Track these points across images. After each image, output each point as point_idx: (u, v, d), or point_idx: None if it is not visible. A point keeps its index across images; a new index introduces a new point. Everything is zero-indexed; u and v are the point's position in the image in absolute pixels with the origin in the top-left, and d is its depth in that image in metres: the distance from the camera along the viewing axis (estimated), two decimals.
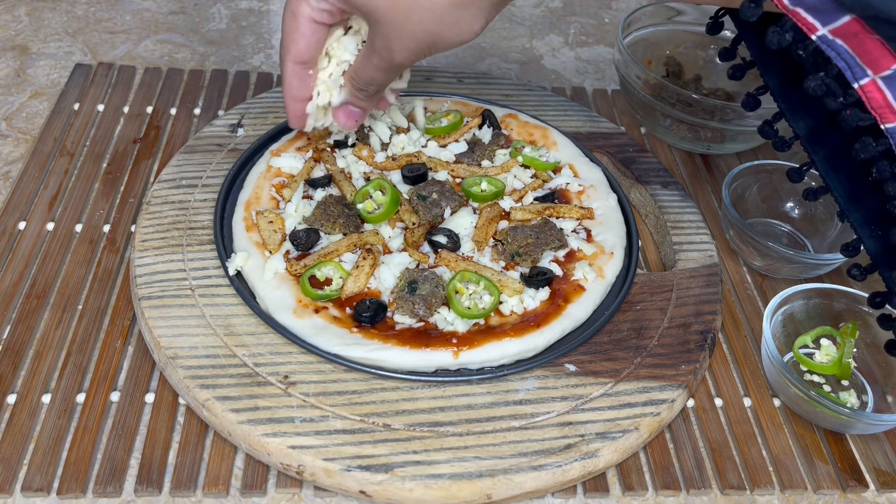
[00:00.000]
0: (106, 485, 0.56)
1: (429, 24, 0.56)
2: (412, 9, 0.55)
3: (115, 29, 1.03)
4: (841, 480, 0.62)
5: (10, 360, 0.63)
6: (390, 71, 0.62)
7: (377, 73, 0.63)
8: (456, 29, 0.57)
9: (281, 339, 0.63)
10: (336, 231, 0.70)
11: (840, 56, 0.47)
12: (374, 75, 0.63)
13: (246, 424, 0.57)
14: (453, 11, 0.55)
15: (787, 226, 0.83)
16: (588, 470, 0.58)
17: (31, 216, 0.75)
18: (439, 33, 0.57)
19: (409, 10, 0.56)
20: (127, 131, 0.86)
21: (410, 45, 0.58)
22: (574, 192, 0.77)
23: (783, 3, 0.46)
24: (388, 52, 0.59)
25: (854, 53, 0.46)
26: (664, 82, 0.86)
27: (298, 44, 0.62)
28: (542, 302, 0.66)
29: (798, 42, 0.47)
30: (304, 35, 0.61)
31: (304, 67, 0.64)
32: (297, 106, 0.67)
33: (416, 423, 0.58)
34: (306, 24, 0.60)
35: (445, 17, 0.56)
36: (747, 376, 0.69)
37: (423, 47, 0.59)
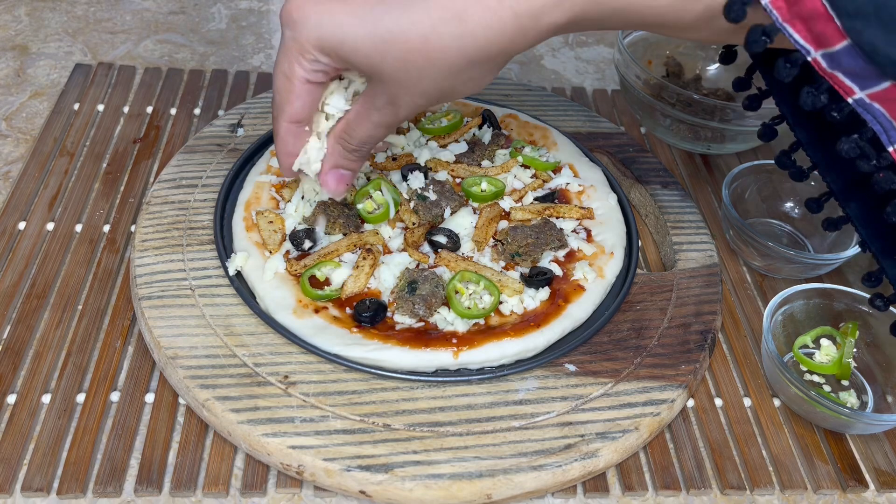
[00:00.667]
0: (106, 485, 0.56)
1: (441, 81, 0.52)
2: (425, 69, 0.51)
3: (115, 29, 1.03)
4: (841, 480, 0.62)
5: (10, 360, 0.63)
6: (390, 127, 0.58)
7: (376, 130, 0.58)
8: (469, 84, 0.54)
9: (281, 339, 0.63)
10: (336, 231, 0.70)
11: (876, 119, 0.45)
12: (372, 133, 0.59)
13: (246, 424, 0.57)
14: (468, 69, 0.52)
15: (787, 226, 0.83)
16: (588, 470, 0.58)
17: (31, 216, 0.75)
18: (451, 88, 0.54)
19: (422, 71, 0.51)
20: (127, 131, 0.86)
21: (420, 101, 0.54)
22: (574, 192, 0.77)
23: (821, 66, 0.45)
24: (393, 109, 0.55)
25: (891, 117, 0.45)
26: (664, 82, 0.86)
27: (294, 105, 0.57)
28: (542, 302, 0.67)
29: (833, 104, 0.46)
30: (300, 96, 0.57)
31: (299, 126, 0.60)
32: (291, 161, 0.62)
33: (416, 423, 0.58)
34: (301, 86, 0.56)
35: (460, 75, 0.52)
36: (747, 376, 0.69)
37: (432, 101, 0.55)
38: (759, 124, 0.84)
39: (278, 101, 0.58)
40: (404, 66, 0.51)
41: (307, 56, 0.53)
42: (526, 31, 0.49)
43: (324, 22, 0.51)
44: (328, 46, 0.52)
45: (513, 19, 0.48)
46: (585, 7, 0.48)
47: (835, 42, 0.43)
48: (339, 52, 0.52)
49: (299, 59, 0.54)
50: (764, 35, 0.44)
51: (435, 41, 0.49)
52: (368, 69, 0.52)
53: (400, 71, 0.51)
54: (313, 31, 0.52)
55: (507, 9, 0.48)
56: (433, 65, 0.51)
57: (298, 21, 0.52)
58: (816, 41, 0.43)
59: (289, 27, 0.53)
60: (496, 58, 0.52)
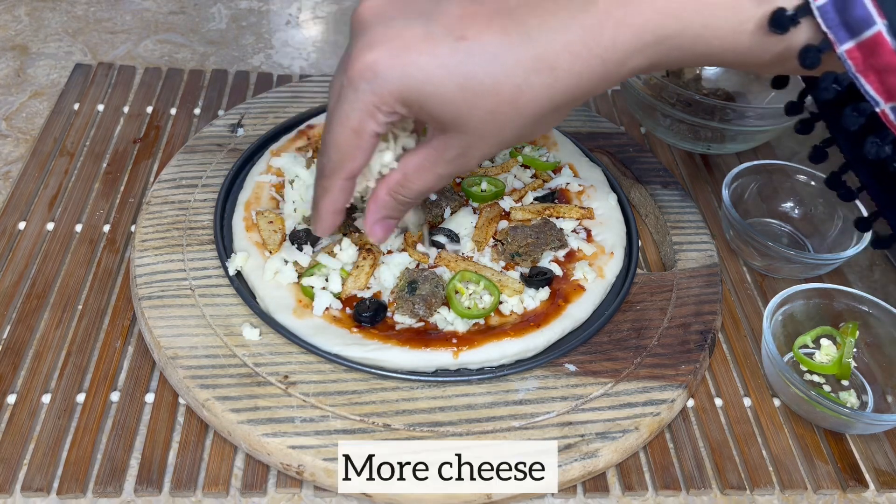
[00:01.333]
0: (106, 485, 0.56)
1: (524, 129, 0.51)
2: (512, 118, 0.49)
3: (115, 29, 1.03)
4: (841, 480, 0.62)
5: (10, 360, 0.63)
6: (453, 178, 0.55)
7: (439, 181, 0.55)
8: (544, 128, 0.52)
9: (281, 339, 0.63)
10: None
11: None
12: (433, 185, 0.55)
13: (246, 424, 0.57)
14: (550, 115, 0.50)
15: (787, 226, 0.83)
16: (588, 470, 0.58)
17: (31, 216, 0.75)
18: (529, 134, 0.52)
19: (509, 121, 0.49)
20: (127, 131, 0.86)
21: (494, 150, 0.52)
22: (574, 192, 0.77)
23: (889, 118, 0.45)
24: (465, 160, 0.53)
25: None
26: (664, 82, 0.86)
27: (357, 161, 0.53)
28: (542, 302, 0.67)
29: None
30: (365, 152, 0.53)
31: (352, 182, 0.56)
32: (335, 219, 0.59)
33: (416, 423, 0.58)
34: (368, 141, 0.52)
35: (542, 121, 0.51)
36: (747, 376, 0.69)
37: (504, 148, 0.53)
38: (758, 125, 0.85)
39: (338, 158, 0.54)
40: (492, 117, 0.49)
41: (385, 109, 0.50)
42: (609, 76, 0.49)
43: (410, 73, 0.48)
44: (412, 98, 0.49)
45: (600, 66, 0.48)
46: (669, 52, 0.48)
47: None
48: (425, 104, 0.49)
49: (375, 113, 0.50)
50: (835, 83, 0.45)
51: (527, 91, 0.48)
52: (452, 120, 0.50)
53: (487, 122, 0.49)
54: (397, 83, 0.48)
55: (596, 57, 0.47)
56: (520, 114, 0.49)
57: (381, 73, 0.48)
58: (888, 94, 0.44)
59: (365, 80, 0.49)
60: (577, 101, 0.51)
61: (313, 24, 1.10)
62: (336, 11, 1.12)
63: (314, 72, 1.00)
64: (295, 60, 1.02)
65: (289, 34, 1.06)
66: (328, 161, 0.54)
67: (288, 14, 1.11)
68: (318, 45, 1.05)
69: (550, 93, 0.48)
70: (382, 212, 0.58)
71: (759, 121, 0.85)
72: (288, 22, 1.09)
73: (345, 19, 1.11)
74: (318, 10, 1.12)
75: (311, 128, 0.81)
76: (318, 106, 0.86)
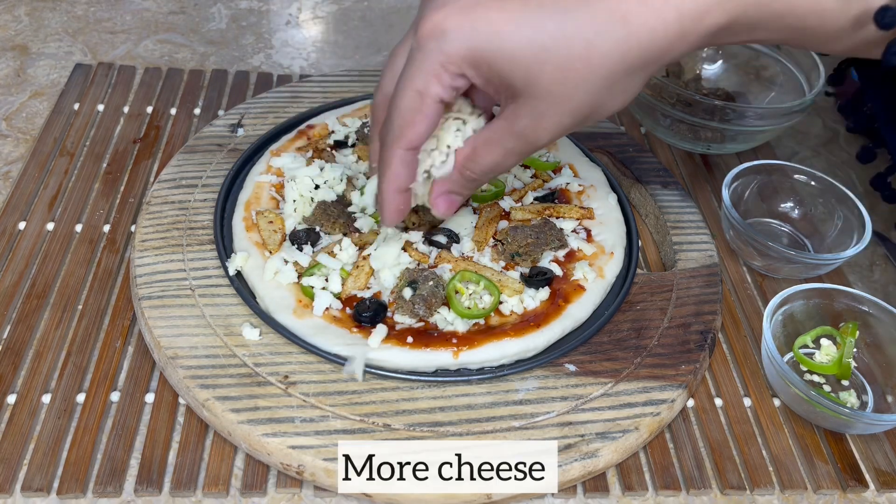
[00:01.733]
0: (106, 485, 0.56)
1: (597, 93, 0.48)
2: (584, 77, 0.47)
3: (115, 29, 1.03)
4: (841, 480, 0.62)
5: (10, 360, 0.63)
6: (525, 155, 0.53)
7: (508, 157, 0.53)
8: (619, 97, 0.50)
9: (281, 339, 0.63)
10: (336, 231, 0.70)
11: None
12: (502, 161, 0.53)
13: (246, 424, 0.57)
14: (625, 78, 0.48)
15: (787, 226, 0.83)
16: (588, 470, 0.58)
17: (31, 216, 0.75)
18: (603, 103, 0.49)
19: (581, 80, 0.47)
20: (127, 131, 0.86)
21: (566, 120, 0.50)
22: (574, 192, 0.77)
23: None
24: (535, 133, 0.50)
25: None
26: (664, 82, 0.86)
27: (418, 128, 0.52)
28: (542, 302, 0.66)
29: None
30: (427, 118, 0.51)
31: (414, 153, 0.54)
32: (399, 199, 0.57)
33: (416, 423, 0.58)
34: (432, 105, 0.51)
35: (616, 85, 0.48)
36: (747, 376, 0.69)
37: (578, 122, 0.50)
38: (758, 125, 0.85)
39: (399, 124, 0.52)
40: (563, 75, 0.47)
41: (451, 69, 0.49)
42: (686, 34, 0.47)
43: (479, 29, 0.47)
44: (481, 57, 0.48)
45: (676, 21, 0.46)
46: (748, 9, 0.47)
47: None
48: (494, 62, 0.48)
49: (441, 73, 0.49)
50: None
51: (599, 46, 0.46)
52: (523, 82, 0.48)
53: (557, 82, 0.47)
54: (466, 41, 0.47)
55: (672, 9, 0.46)
56: (593, 73, 0.47)
57: (449, 30, 0.47)
58: None
59: (434, 38, 0.48)
60: (652, 65, 0.49)
61: (313, 24, 1.10)
62: (336, 11, 1.12)
63: (314, 72, 1.00)
64: (295, 60, 1.02)
65: (289, 34, 1.06)
66: (390, 128, 0.53)
67: (288, 14, 1.11)
68: (318, 45, 1.05)
69: (623, 49, 0.46)
70: (448, 185, 0.57)
71: (759, 121, 0.85)
72: (288, 22, 1.09)
73: (345, 19, 1.11)
74: (318, 10, 1.12)
75: (311, 128, 0.81)
76: (318, 106, 0.86)
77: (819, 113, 1.03)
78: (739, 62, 0.97)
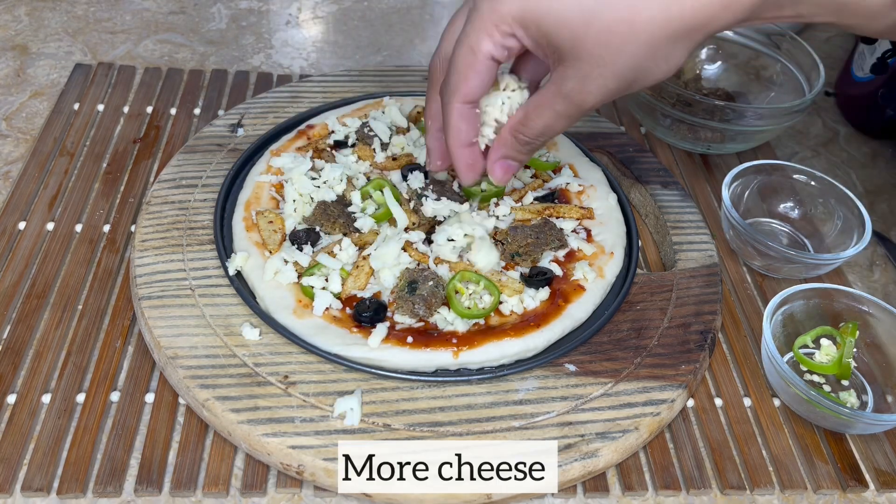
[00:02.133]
0: (106, 485, 0.56)
1: (640, 58, 0.50)
2: (627, 41, 0.49)
3: (115, 29, 1.03)
4: (841, 480, 0.62)
5: (10, 360, 0.63)
6: (573, 118, 0.55)
7: (558, 120, 0.55)
8: (663, 65, 0.51)
9: (281, 339, 0.63)
10: (336, 231, 0.70)
11: None
12: (552, 124, 0.56)
13: (246, 424, 0.57)
14: (668, 45, 0.49)
15: (787, 226, 0.83)
16: (588, 470, 0.58)
17: (31, 216, 0.75)
18: (647, 69, 0.51)
19: (624, 43, 0.49)
20: (127, 131, 0.86)
21: (611, 84, 0.51)
22: (574, 192, 0.77)
23: None
24: (581, 96, 0.52)
25: None
26: (664, 82, 0.86)
27: (471, 82, 0.55)
28: (542, 302, 0.66)
29: None
30: (480, 73, 0.54)
31: (472, 107, 0.57)
32: (466, 153, 0.59)
33: (416, 423, 0.58)
34: (483, 62, 0.54)
35: (659, 52, 0.50)
36: (747, 376, 0.69)
37: (623, 87, 0.52)
38: (758, 125, 0.85)
39: (454, 79, 0.56)
40: (607, 38, 0.49)
41: (502, 28, 0.52)
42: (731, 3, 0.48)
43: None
44: (531, 18, 0.51)
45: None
46: None
47: None
48: (542, 23, 0.50)
49: (493, 31, 0.52)
50: None
51: (642, 10, 0.48)
52: (569, 43, 0.50)
53: (601, 45, 0.49)
54: (517, 2, 0.50)
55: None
56: (636, 37, 0.49)
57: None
58: None
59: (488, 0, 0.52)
60: (696, 33, 0.49)
61: (313, 24, 1.10)
62: (336, 11, 1.12)
63: (314, 72, 1.00)
64: (295, 60, 1.02)
65: (289, 34, 1.06)
66: (447, 85, 0.57)
67: (288, 14, 1.11)
68: (318, 45, 1.05)
69: (667, 15, 0.48)
70: (503, 150, 0.60)
71: (759, 121, 0.85)
72: (288, 22, 1.09)
73: (345, 19, 1.11)
74: (318, 10, 1.12)
75: (311, 128, 0.81)
76: (318, 106, 0.86)
77: (819, 113, 1.03)
78: (739, 62, 0.97)
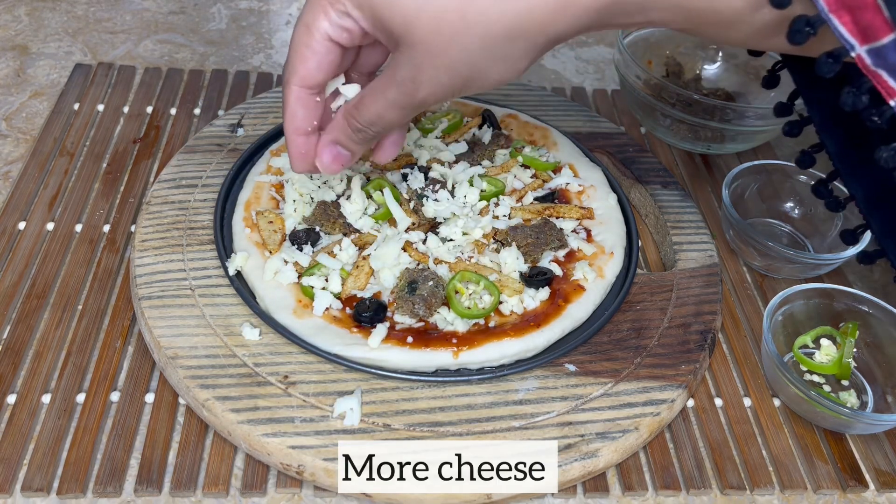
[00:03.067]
0: (106, 485, 0.56)
1: (474, 54, 0.48)
2: (459, 34, 0.47)
3: (115, 29, 1.03)
4: (841, 480, 0.62)
5: (10, 360, 0.63)
6: (405, 109, 0.53)
7: (389, 110, 0.54)
8: (501, 66, 0.50)
9: (281, 339, 0.63)
10: (336, 231, 0.70)
11: None
12: (383, 113, 0.54)
13: (246, 424, 0.57)
14: (504, 44, 0.48)
15: (787, 226, 0.83)
16: (588, 470, 0.58)
17: (31, 216, 0.75)
18: (481, 69, 0.50)
19: (456, 35, 0.47)
20: (127, 131, 0.86)
21: (444, 78, 0.50)
22: (574, 192, 0.77)
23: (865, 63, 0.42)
24: (413, 86, 0.51)
25: None
26: (664, 82, 0.86)
27: (308, 63, 0.54)
28: (542, 302, 0.66)
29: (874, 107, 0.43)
30: (317, 53, 0.53)
31: (311, 93, 0.56)
32: (301, 141, 0.58)
33: (416, 423, 0.58)
34: (321, 42, 0.53)
35: (495, 50, 0.48)
36: (747, 376, 0.69)
37: (457, 83, 0.51)
38: (758, 125, 0.85)
39: (292, 59, 0.54)
40: (437, 26, 0.48)
41: (337, 7, 0.51)
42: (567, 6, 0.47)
43: None
44: None
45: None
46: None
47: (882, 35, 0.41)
48: (375, 4, 0.49)
49: (327, 9, 0.51)
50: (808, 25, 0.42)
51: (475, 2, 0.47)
52: (401, 28, 0.49)
53: (432, 32, 0.48)
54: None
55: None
56: (468, 28, 0.47)
57: None
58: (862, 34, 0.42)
59: None
60: (533, 35, 0.48)
61: None
62: None
63: None
64: None
65: (289, 34, 1.06)
66: (286, 66, 0.55)
67: (288, 14, 1.11)
68: None
69: (500, 9, 0.47)
70: (334, 133, 0.57)
71: (759, 121, 0.85)
72: (288, 22, 1.09)
73: None
74: None
75: None
76: None
77: None
78: (739, 62, 0.97)
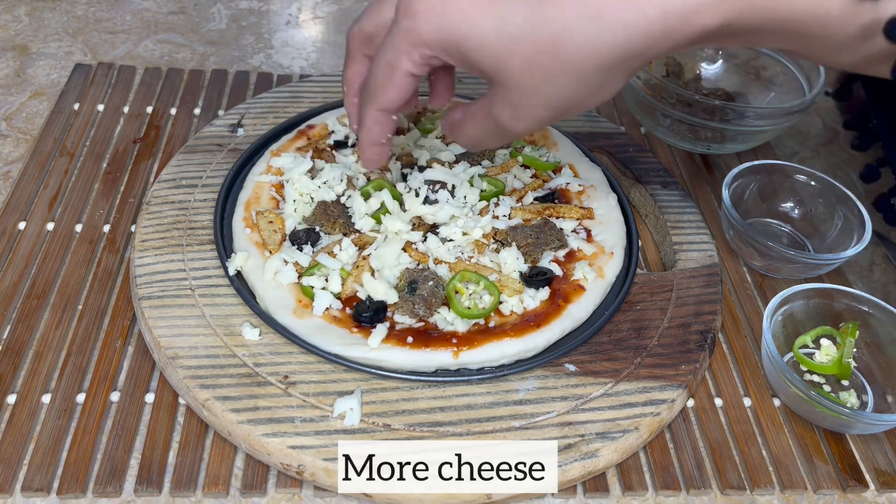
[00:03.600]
0: (106, 485, 0.56)
1: (570, 90, 0.47)
2: (554, 75, 0.46)
3: (115, 29, 1.03)
4: (841, 480, 0.62)
5: (10, 360, 0.63)
6: (504, 138, 0.54)
7: (488, 137, 0.55)
8: (599, 93, 0.49)
9: (281, 339, 0.63)
10: (336, 231, 0.70)
11: None
12: (482, 138, 0.55)
13: (246, 424, 0.57)
14: (600, 74, 0.47)
15: (787, 226, 0.83)
16: (588, 470, 0.58)
17: (31, 216, 0.75)
18: (580, 99, 0.49)
19: (551, 76, 0.46)
20: (127, 131, 0.86)
21: (542, 113, 0.50)
22: (574, 192, 0.77)
23: None
24: (511, 122, 0.51)
25: None
26: (664, 82, 0.86)
27: (389, 95, 0.55)
28: (542, 302, 0.66)
29: None
30: (398, 87, 0.54)
31: (387, 115, 0.58)
32: (374, 150, 0.61)
33: (416, 423, 0.58)
34: (402, 78, 0.53)
35: (590, 81, 0.47)
36: (747, 376, 0.69)
37: (556, 115, 0.50)
38: (758, 125, 0.85)
39: (373, 88, 0.55)
40: (530, 67, 0.46)
41: (421, 50, 0.50)
42: (671, 33, 0.44)
43: (449, 14, 0.48)
44: (450, 41, 0.49)
45: (660, 18, 0.44)
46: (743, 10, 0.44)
47: None
48: (462, 48, 0.48)
49: (410, 52, 0.51)
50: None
51: (566, 41, 0.45)
52: (492, 69, 0.48)
53: (525, 74, 0.47)
54: (435, 25, 0.48)
55: (656, 6, 0.43)
56: (562, 68, 0.46)
57: (421, 12, 0.49)
58: None
59: (407, 17, 0.49)
60: (632, 62, 0.46)
61: (313, 24, 1.10)
62: (336, 11, 1.12)
63: (314, 72, 1.00)
64: (295, 60, 1.02)
65: (289, 34, 1.06)
66: (367, 90, 0.57)
67: (288, 14, 1.11)
68: (318, 45, 1.05)
69: (595, 45, 0.45)
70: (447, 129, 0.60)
71: (759, 121, 0.85)
72: (288, 22, 1.09)
73: (345, 19, 1.11)
74: (318, 10, 1.12)
75: (311, 128, 0.81)
76: (318, 106, 0.86)
77: (819, 113, 1.03)
78: (739, 62, 0.97)
